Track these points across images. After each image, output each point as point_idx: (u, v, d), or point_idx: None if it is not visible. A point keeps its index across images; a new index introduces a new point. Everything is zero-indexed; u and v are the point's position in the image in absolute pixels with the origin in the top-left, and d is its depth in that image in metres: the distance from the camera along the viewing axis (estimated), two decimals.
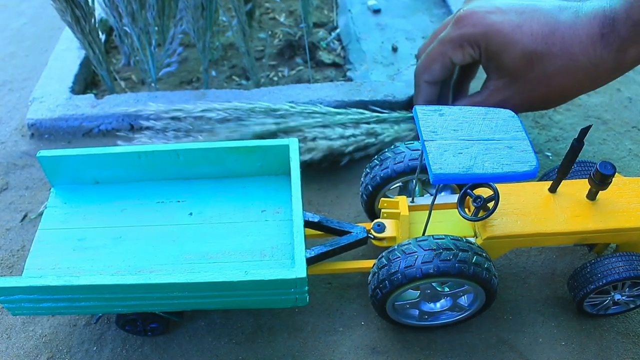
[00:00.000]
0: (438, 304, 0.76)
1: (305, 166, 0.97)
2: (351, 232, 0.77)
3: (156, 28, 1.17)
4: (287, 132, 0.98)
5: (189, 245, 0.76)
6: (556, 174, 0.76)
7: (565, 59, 0.78)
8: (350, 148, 0.96)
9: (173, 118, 1.01)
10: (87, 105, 1.13)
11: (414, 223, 0.78)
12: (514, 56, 0.81)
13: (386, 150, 0.82)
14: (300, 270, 0.65)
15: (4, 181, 1.04)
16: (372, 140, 0.98)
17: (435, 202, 0.69)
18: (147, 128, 1.02)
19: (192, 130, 1.00)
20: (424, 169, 0.76)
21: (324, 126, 0.97)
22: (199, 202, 0.81)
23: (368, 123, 1.00)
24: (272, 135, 0.97)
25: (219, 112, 1.00)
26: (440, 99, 0.99)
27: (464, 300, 0.76)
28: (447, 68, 0.90)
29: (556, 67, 0.80)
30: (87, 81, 1.28)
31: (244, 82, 1.27)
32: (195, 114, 1.00)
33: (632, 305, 0.79)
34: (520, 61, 0.81)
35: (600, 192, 0.75)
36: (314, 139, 0.96)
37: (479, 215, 0.70)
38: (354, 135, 0.97)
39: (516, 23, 0.80)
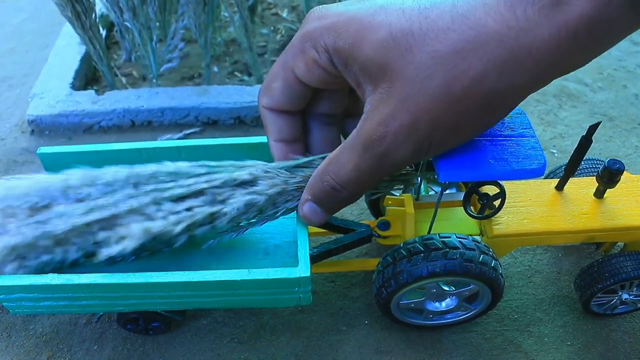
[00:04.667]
0: (443, 303, 0.75)
1: None
2: (355, 230, 0.76)
3: (157, 23, 1.16)
4: None
5: (192, 244, 0.75)
6: (563, 171, 0.75)
7: (465, 28, 0.45)
8: None
9: None
10: (87, 102, 1.12)
11: (419, 221, 0.77)
12: (378, 44, 0.48)
13: None
14: (304, 269, 0.64)
15: None
16: None
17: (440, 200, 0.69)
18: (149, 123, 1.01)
19: None
20: (429, 166, 0.74)
21: None
22: None
23: None
24: None
25: None
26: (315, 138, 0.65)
27: (469, 299, 0.75)
28: (292, 88, 0.58)
29: (451, 44, 0.45)
30: (87, 77, 1.27)
31: (246, 78, 1.26)
32: None
33: (639, 305, 0.78)
34: (391, 50, 0.47)
35: (607, 190, 0.74)
36: None
37: (485, 214, 0.69)
38: None
39: (379, 5, 0.49)
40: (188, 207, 0.62)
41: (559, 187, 0.76)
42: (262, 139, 0.80)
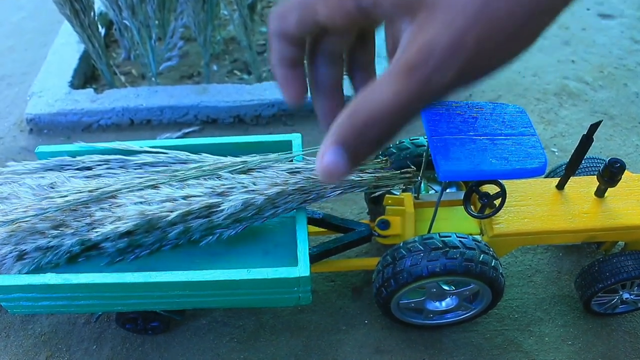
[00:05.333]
0: (444, 303, 0.75)
1: None
2: (355, 230, 0.76)
3: (156, 22, 1.15)
4: None
5: (190, 243, 0.74)
6: (563, 170, 0.74)
7: None
8: None
9: None
10: (86, 100, 1.12)
11: (419, 220, 0.77)
12: None
13: (391, 146, 0.80)
14: (303, 269, 0.64)
15: None
16: None
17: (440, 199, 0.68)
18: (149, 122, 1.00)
19: None
20: (429, 165, 0.74)
21: None
22: None
23: None
24: None
25: None
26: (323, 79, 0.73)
27: (469, 299, 0.74)
28: (306, 25, 0.44)
29: None
30: (86, 75, 1.27)
31: (245, 76, 1.26)
32: None
33: None
34: None
35: (608, 189, 0.73)
36: None
37: (485, 213, 0.69)
38: None
39: None
40: (185, 196, 0.63)
41: (560, 186, 0.75)
42: (262, 137, 0.80)
